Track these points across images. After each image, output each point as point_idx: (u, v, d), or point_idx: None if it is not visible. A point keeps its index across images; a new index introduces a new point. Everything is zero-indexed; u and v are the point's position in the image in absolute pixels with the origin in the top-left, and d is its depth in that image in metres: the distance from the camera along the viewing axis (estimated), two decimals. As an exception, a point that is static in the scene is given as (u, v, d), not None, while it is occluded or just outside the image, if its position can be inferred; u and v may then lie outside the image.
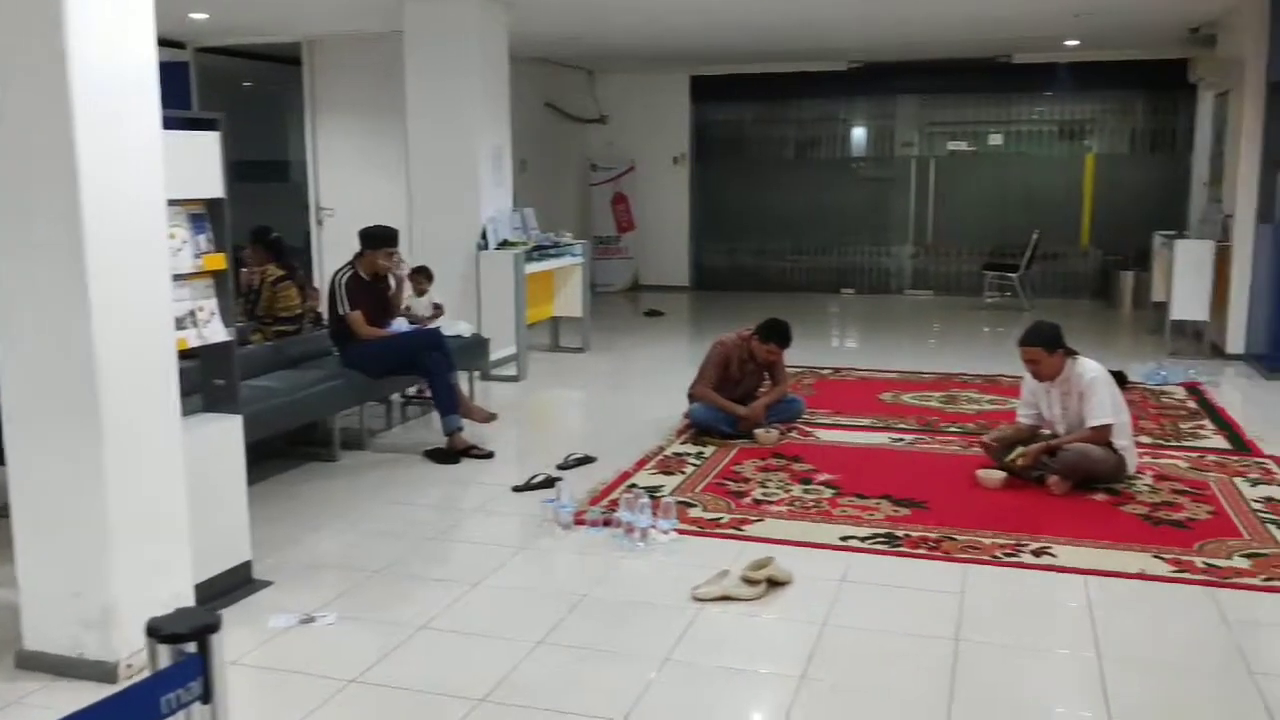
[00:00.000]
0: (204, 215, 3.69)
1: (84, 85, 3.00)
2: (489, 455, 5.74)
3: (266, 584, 3.96)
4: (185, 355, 3.54)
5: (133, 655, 3.23)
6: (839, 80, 12.91)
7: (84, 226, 3.02)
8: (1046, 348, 5.07)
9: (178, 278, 3.50)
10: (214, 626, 1.51)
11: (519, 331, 7.94)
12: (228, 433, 3.84)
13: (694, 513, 4.68)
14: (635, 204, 13.56)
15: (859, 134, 13.50)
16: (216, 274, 3.73)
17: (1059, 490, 4.96)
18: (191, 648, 1.49)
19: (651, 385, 8.06)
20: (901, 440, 6.00)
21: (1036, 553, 4.22)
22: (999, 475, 5.09)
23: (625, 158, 13.54)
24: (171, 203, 3.42)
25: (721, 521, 4.59)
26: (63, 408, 3.13)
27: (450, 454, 5.71)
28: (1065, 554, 4.21)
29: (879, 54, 12.09)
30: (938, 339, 10.29)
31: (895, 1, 8.61)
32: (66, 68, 2.96)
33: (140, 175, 3.22)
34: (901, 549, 4.27)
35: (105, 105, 3.08)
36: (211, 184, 3.68)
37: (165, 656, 1.51)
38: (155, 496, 3.33)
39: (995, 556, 4.19)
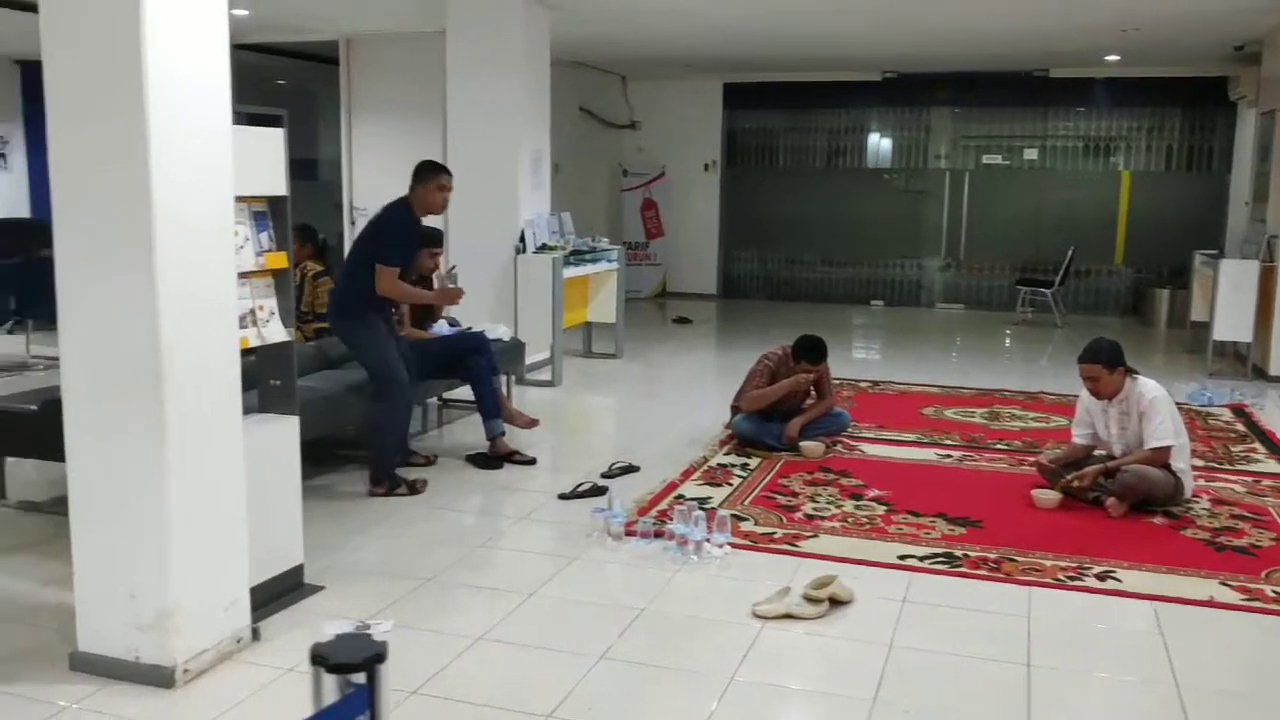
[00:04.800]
0: (266, 213, 3.63)
1: (159, 77, 2.95)
2: (531, 461, 5.67)
3: (318, 589, 3.89)
4: (241, 354, 3.48)
5: (189, 660, 3.17)
6: (872, 90, 12.85)
7: (154, 220, 2.96)
8: (1107, 365, 4.98)
9: (239, 276, 3.44)
10: (382, 656, 1.43)
11: (555, 336, 7.87)
12: (284, 434, 3.77)
13: (745, 526, 4.60)
14: (665, 210, 13.49)
15: (891, 145, 13.40)
16: (277, 273, 3.66)
17: (1116, 512, 4.86)
18: (360, 678, 1.40)
19: (686, 394, 7.99)
20: (949, 457, 5.90)
21: (1100, 576, 4.12)
22: (1054, 495, 4.99)
23: (656, 164, 13.47)
24: (236, 199, 3.36)
25: (775, 536, 4.50)
26: (125, 405, 3.07)
27: (493, 459, 5.64)
28: (1130, 578, 4.11)
29: (913, 65, 12.02)
30: (975, 353, 10.17)
31: (933, 14, 8.53)
32: (142, 60, 2.90)
33: (210, 170, 3.16)
34: (962, 569, 4.18)
35: (179, 98, 3.02)
36: (275, 181, 3.62)
37: (330, 686, 1.42)
38: (215, 498, 3.26)
39: (1058, 579, 4.09)
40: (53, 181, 3.07)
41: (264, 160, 3.55)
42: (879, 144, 13.47)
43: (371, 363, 5.13)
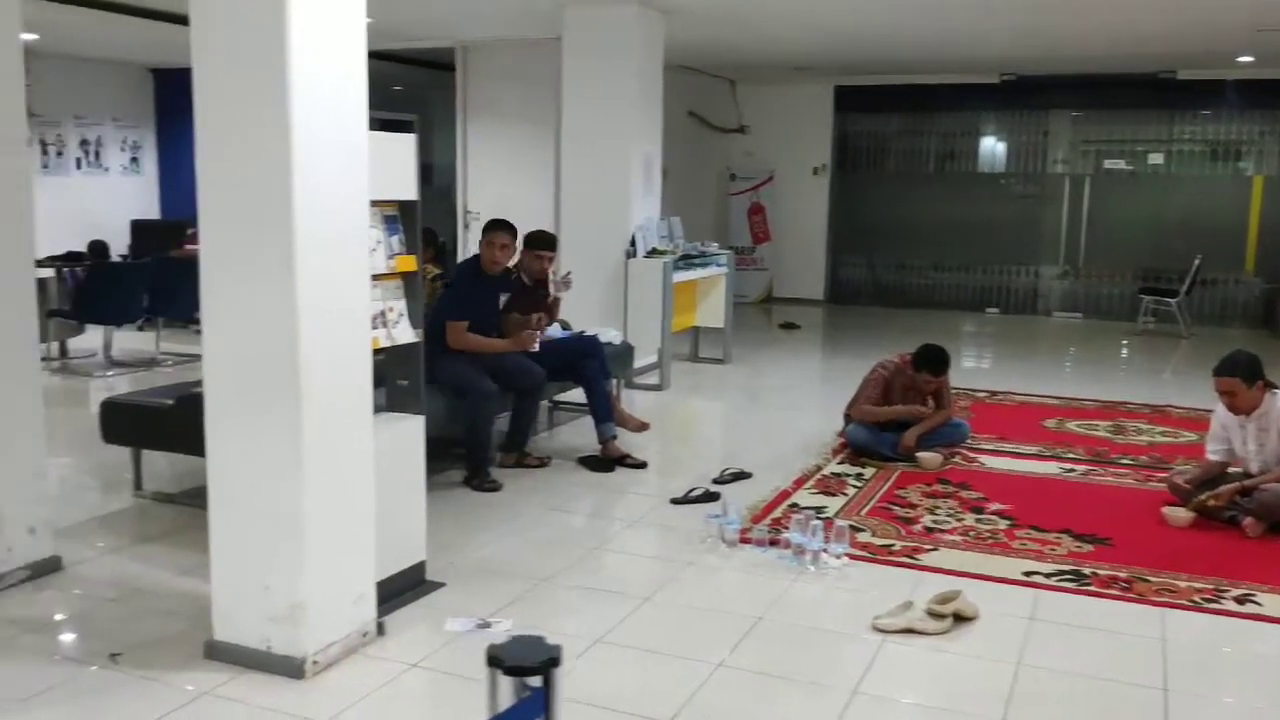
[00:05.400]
0: (397, 217, 3.71)
1: (302, 87, 3.02)
2: (642, 465, 5.68)
3: (439, 585, 3.96)
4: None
5: (318, 652, 3.25)
6: (989, 93, 12.57)
7: (295, 225, 3.04)
8: (1245, 379, 4.76)
9: (371, 278, 3.51)
10: (557, 660, 1.43)
11: (664, 341, 7.88)
12: (410, 433, 3.84)
13: (863, 537, 4.52)
14: (772, 215, 13.40)
15: (1007, 149, 13.08)
16: (407, 275, 3.74)
17: (1254, 532, 4.64)
18: (536, 682, 1.41)
19: (795, 400, 7.91)
20: (1073, 471, 5.72)
21: (1240, 600, 3.94)
22: (1187, 514, 4.80)
23: (764, 168, 13.40)
24: (369, 204, 3.44)
25: (893, 549, 4.42)
26: (264, 403, 3.16)
27: (605, 461, 5.66)
28: (1271, 602, 3.92)
29: (1033, 67, 11.71)
30: (1095, 364, 9.85)
31: (1056, 14, 8.28)
32: (287, 71, 2.98)
33: (348, 175, 3.24)
34: (1090, 588, 4.04)
35: (320, 107, 3.10)
36: (406, 186, 3.69)
37: (506, 689, 1.43)
38: (347, 495, 3.34)
39: (1194, 601, 3.93)
40: (199, 187, 3.18)
41: (396, 165, 3.62)
42: (994, 148, 13.16)
43: (447, 380, 5.27)
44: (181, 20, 3.26)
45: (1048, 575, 4.15)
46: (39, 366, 4.12)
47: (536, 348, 5.59)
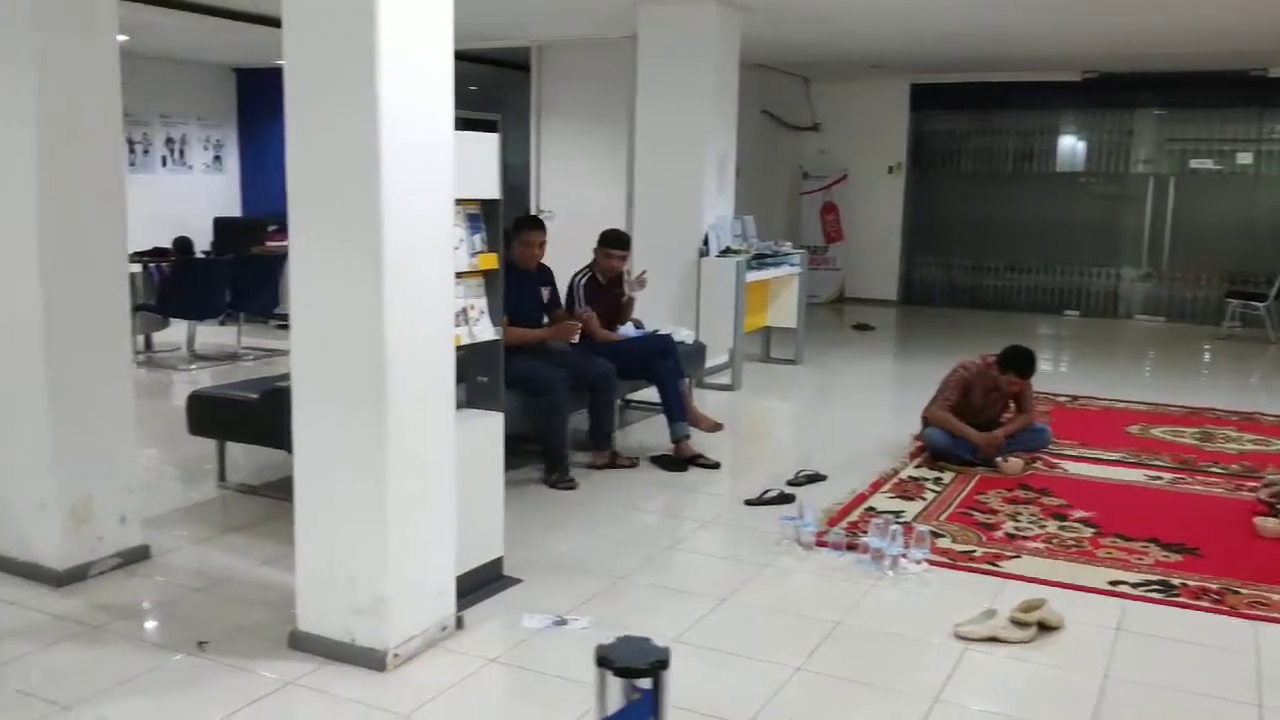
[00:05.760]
0: (479, 215, 3.74)
1: (390, 87, 3.06)
2: (716, 465, 5.66)
3: (516, 581, 3.98)
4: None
5: (400, 645, 3.29)
6: (1070, 91, 12.30)
7: (383, 223, 3.08)
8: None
9: (454, 275, 3.54)
10: (665, 662, 1.43)
11: (737, 340, 7.84)
12: (489, 429, 3.87)
13: (943, 543, 4.45)
14: (845, 214, 13.28)
15: (1089, 148, 12.78)
16: (488, 273, 3.77)
17: (1351, 546, 4.49)
18: (645, 684, 1.41)
19: (869, 402, 7.83)
20: (1160, 479, 5.57)
21: (1338, 616, 3.81)
22: (1279, 524, 4.65)
23: (838, 166, 13.28)
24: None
25: (974, 555, 4.35)
26: (350, 398, 3.21)
27: (678, 461, 5.65)
28: (1373, 620, 3.78)
29: (1117, 64, 11.43)
30: (1179, 369, 9.59)
31: (1142, 10, 8.07)
32: (376, 72, 3.02)
33: (434, 175, 3.27)
34: (1179, 599, 3.93)
35: (408, 107, 3.13)
36: (489, 185, 3.72)
37: (615, 689, 1.43)
38: (429, 490, 3.37)
39: (1289, 616, 3.80)
40: (289, 186, 3.23)
41: (479, 164, 3.65)
42: (1074, 147, 12.88)
43: (519, 375, 5.22)
44: (265, 21, 3.33)
45: (1134, 585, 4.04)
46: (131, 360, 4.23)
47: (576, 339, 5.57)
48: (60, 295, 3.79)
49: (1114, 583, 4.07)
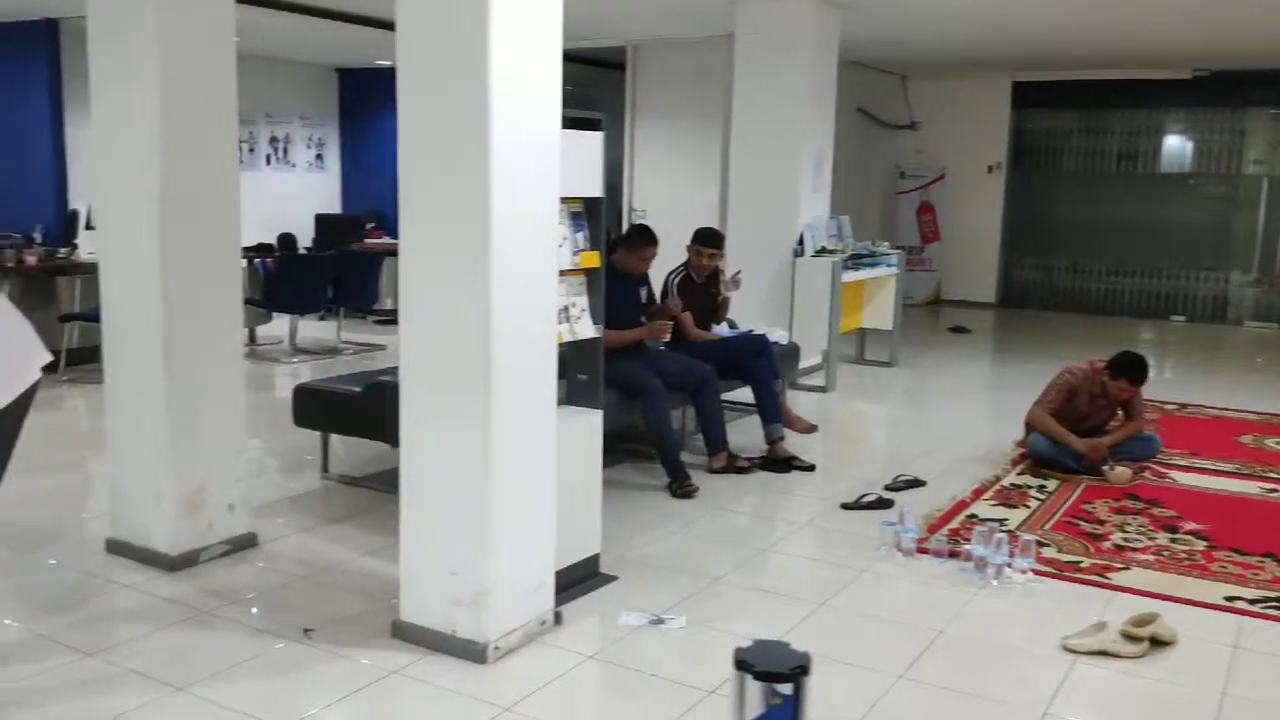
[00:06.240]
0: (582, 213, 3.75)
1: (502, 87, 3.08)
2: (811, 468, 5.60)
3: (612, 579, 3.99)
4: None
5: (500, 638, 3.31)
6: (1179, 88, 11.90)
7: (492, 221, 3.10)
8: None
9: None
10: (806, 668, 1.42)
11: (831, 342, 7.75)
12: (589, 427, 3.89)
13: (1048, 553, 4.34)
14: (942, 214, 13.04)
15: (1197, 148, 12.35)
16: (590, 271, 3.78)
17: None
18: (786, 689, 1.40)
19: (966, 407, 7.68)
20: (1275, 491, 5.35)
21: None
22: None
23: (935, 166, 13.05)
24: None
25: (1081, 566, 4.22)
26: (457, 392, 3.24)
27: (772, 462, 5.61)
28: None
29: (1230, 61, 11.02)
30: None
31: (1258, 9, 7.75)
32: (488, 72, 3.04)
33: (542, 172, 3.29)
34: (1301, 618, 3.77)
35: (518, 106, 3.16)
36: (592, 183, 3.73)
37: (754, 694, 1.42)
38: (531, 485, 3.40)
39: None
40: (401, 184, 3.28)
41: (583, 162, 3.66)
42: (1182, 147, 12.46)
43: (614, 376, 5.22)
44: (368, 21, 3.37)
45: (1251, 601, 3.89)
46: (242, 352, 4.35)
47: (668, 338, 5.55)
48: (177, 291, 3.91)
49: (1230, 598, 3.91)
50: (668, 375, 5.40)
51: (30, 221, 8.94)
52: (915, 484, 5.31)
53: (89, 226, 8.64)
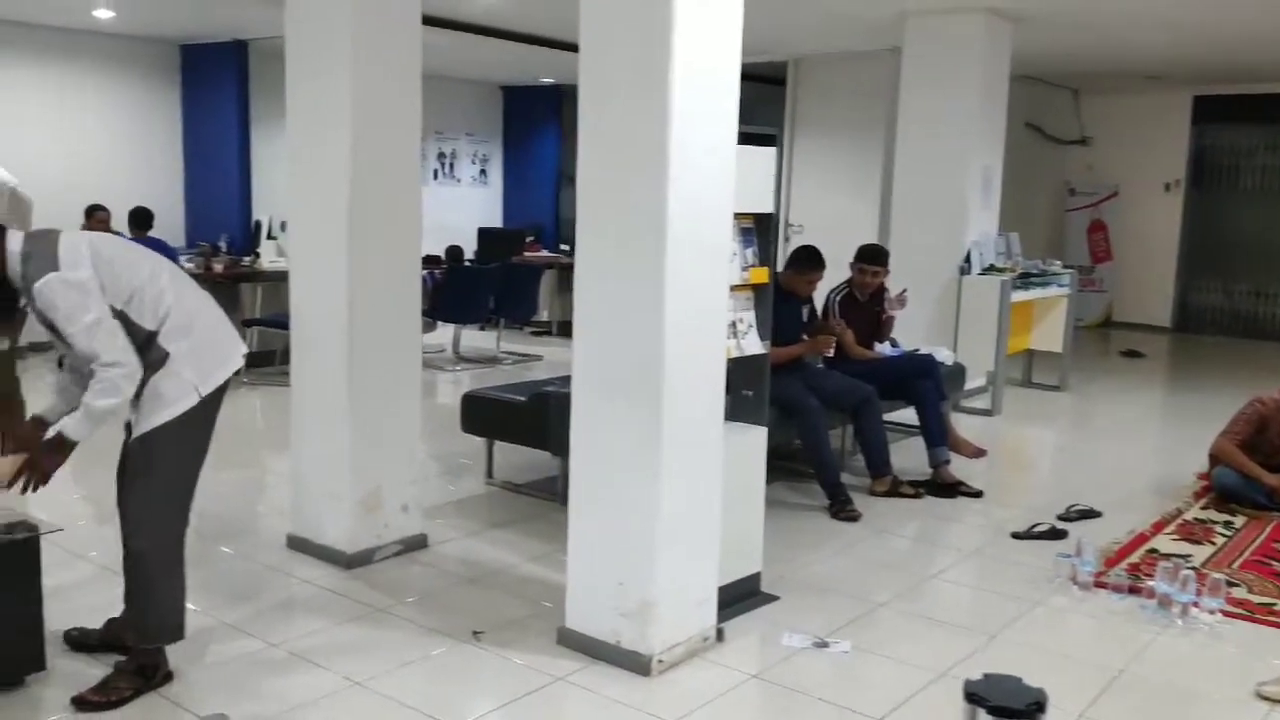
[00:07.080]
0: (753, 229, 3.74)
1: (681, 102, 3.10)
2: (978, 494, 5.42)
3: (773, 598, 3.95)
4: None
5: (664, 651, 3.32)
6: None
7: (667, 234, 3.12)
8: None
9: (727, 288, 3.56)
10: (1042, 705, 1.38)
11: (999, 363, 7.51)
12: (753, 443, 3.87)
13: (1237, 593, 4.08)
14: (1115, 232, 12.49)
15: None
16: (758, 287, 3.76)
17: None
18: None
19: (1142, 435, 7.33)
20: None
21: None
22: None
23: (1108, 182, 12.51)
24: (731, 215, 3.48)
25: (1276, 609, 3.96)
26: (627, 404, 3.26)
27: (938, 486, 5.46)
28: None
29: None
30: None
31: None
32: (669, 87, 3.07)
33: (717, 187, 3.30)
34: None
35: (696, 122, 3.17)
36: (763, 199, 3.72)
37: None
38: (698, 500, 3.40)
39: None
40: (579, 197, 3.33)
41: (756, 178, 3.66)
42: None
43: (774, 397, 5.16)
44: (535, 41, 3.44)
45: None
46: (420, 359, 4.50)
47: (830, 352, 5.48)
48: (362, 301, 4.08)
49: None
50: (827, 394, 5.33)
51: (217, 231, 9.51)
52: (1090, 514, 5.08)
53: (270, 236, 9.11)
